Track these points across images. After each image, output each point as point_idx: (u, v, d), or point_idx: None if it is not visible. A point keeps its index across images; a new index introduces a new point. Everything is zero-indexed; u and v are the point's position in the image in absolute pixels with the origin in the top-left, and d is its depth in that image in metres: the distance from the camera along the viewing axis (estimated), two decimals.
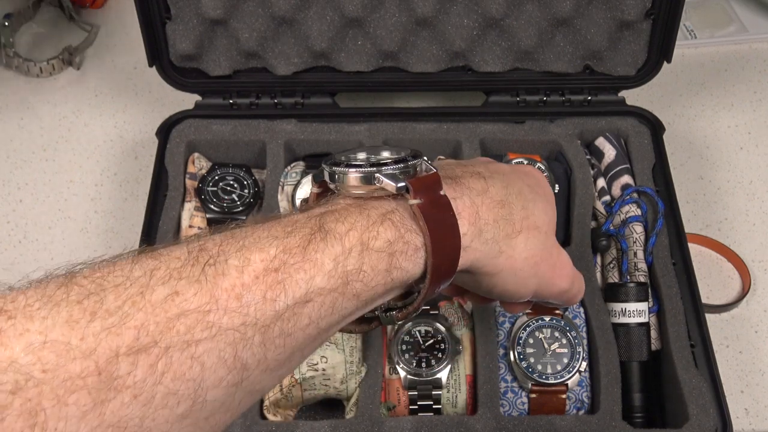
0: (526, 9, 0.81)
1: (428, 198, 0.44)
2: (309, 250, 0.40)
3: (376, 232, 0.42)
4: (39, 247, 0.84)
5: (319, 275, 0.40)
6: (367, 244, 0.42)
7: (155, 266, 0.37)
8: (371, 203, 0.44)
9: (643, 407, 0.71)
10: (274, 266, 0.39)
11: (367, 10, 0.80)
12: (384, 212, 0.43)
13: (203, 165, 0.83)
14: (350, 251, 0.41)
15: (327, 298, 0.40)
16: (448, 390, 0.70)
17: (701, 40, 1.01)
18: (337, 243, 0.41)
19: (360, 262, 0.41)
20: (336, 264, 0.40)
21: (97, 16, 1.05)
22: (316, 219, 0.42)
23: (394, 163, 0.45)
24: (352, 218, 0.42)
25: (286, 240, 0.40)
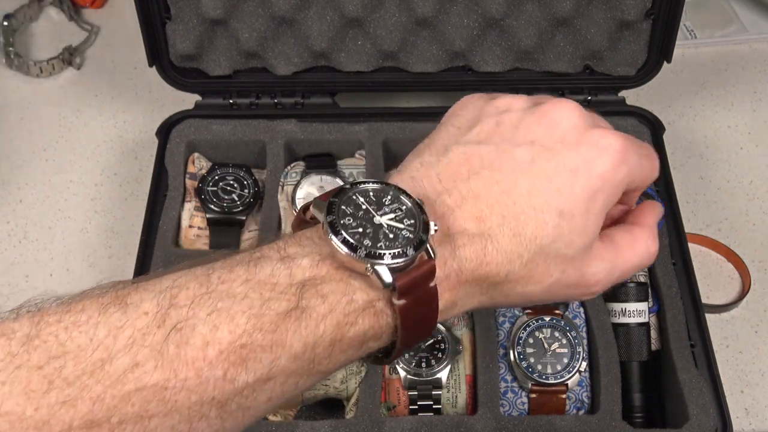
0: (526, 9, 0.81)
1: (415, 296, 0.40)
2: (281, 329, 0.38)
3: (354, 320, 0.40)
4: (39, 247, 0.84)
5: (286, 356, 0.38)
6: (342, 333, 0.39)
7: (121, 324, 0.36)
8: (356, 283, 0.40)
9: (643, 407, 0.71)
10: (241, 342, 0.37)
11: (367, 10, 0.80)
12: (368, 301, 0.40)
13: (203, 165, 0.83)
14: (323, 336, 0.39)
15: (290, 378, 0.39)
16: (448, 390, 0.70)
17: (701, 40, 1.01)
18: (312, 325, 0.38)
19: (330, 349, 0.39)
20: (305, 348, 0.38)
21: (97, 16, 1.05)
22: (296, 290, 0.39)
23: (393, 258, 0.40)
24: (334, 298, 0.39)
25: (261, 312, 0.38)
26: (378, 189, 0.43)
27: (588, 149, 0.44)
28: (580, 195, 0.44)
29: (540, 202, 0.43)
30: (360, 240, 0.40)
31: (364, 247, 0.40)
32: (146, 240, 0.77)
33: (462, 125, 0.49)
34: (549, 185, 0.43)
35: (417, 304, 0.40)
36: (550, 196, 0.43)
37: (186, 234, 0.79)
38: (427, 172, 0.45)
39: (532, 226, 0.43)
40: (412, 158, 0.47)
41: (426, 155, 0.47)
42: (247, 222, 0.80)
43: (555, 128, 0.45)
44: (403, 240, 0.41)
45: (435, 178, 0.45)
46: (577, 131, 0.45)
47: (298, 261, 0.40)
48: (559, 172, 0.44)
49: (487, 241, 0.42)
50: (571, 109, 0.46)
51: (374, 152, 0.82)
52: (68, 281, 0.82)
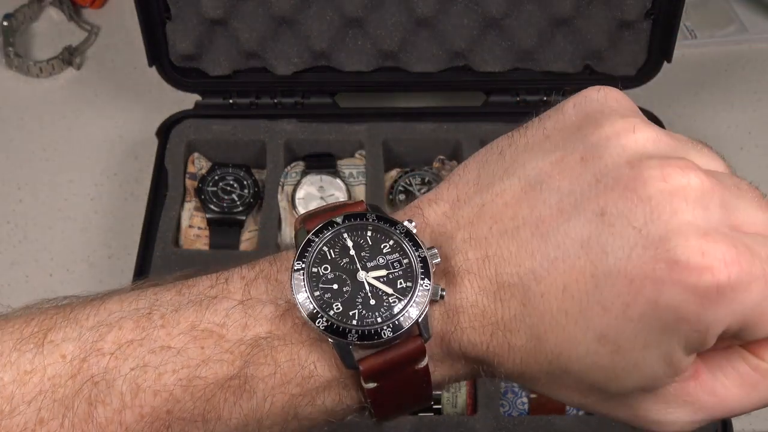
0: (526, 9, 0.81)
1: (392, 379, 0.32)
2: (217, 398, 0.31)
3: (312, 399, 0.32)
4: (39, 247, 0.84)
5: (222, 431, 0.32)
6: (296, 410, 0.32)
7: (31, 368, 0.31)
8: (319, 352, 0.32)
9: None
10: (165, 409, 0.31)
11: (367, 10, 0.80)
12: (332, 378, 0.32)
13: (203, 165, 0.83)
14: (270, 412, 0.32)
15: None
16: (448, 390, 0.70)
17: (701, 40, 1.00)
18: (256, 400, 0.32)
19: (283, 425, 0.33)
20: (248, 423, 0.32)
21: (97, 16, 1.05)
22: (245, 350, 0.32)
23: (359, 338, 0.31)
24: (290, 368, 0.32)
25: (194, 374, 0.31)
26: (380, 229, 0.34)
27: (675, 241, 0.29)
28: (636, 324, 0.29)
29: (575, 310, 0.30)
30: (328, 302, 0.32)
31: (326, 317, 0.32)
32: (146, 240, 0.77)
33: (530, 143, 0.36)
34: (594, 291, 0.30)
35: (396, 389, 0.32)
36: (591, 308, 0.30)
37: (186, 234, 0.79)
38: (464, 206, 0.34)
39: (556, 336, 0.31)
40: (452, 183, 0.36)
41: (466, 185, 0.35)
42: (247, 222, 0.80)
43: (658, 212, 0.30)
44: (384, 312, 0.32)
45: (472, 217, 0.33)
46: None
47: (259, 309, 0.33)
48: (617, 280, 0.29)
49: (495, 330, 0.32)
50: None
51: (374, 152, 0.82)
52: (68, 281, 0.82)
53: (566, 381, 0.32)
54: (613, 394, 0.32)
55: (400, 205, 0.80)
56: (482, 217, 0.33)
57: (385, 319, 0.32)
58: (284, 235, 0.79)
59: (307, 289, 0.32)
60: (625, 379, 0.31)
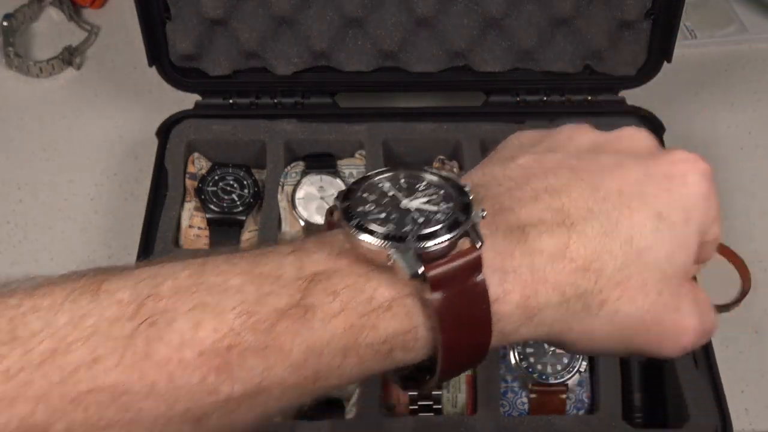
0: (526, 9, 0.81)
1: (456, 290, 0.33)
2: (277, 329, 0.31)
3: (374, 322, 0.32)
4: (39, 247, 0.84)
5: (282, 366, 0.32)
6: (357, 339, 0.32)
7: (86, 312, 0.31)
8: (379, 278, 0.33)
9: (643, 407, 0.70)
10: (226, 343, 0.31)
11: (367, 10, 0.80)
12: (393, 297, 0.33)
13: (203, 165, 0.83)
14: (331, 342, 0.32)
15: (288, 392, 0.32)
16: (448, 390, 0.70)
17: (701, 40, 1.00)
18: (317, 327, 0.32)
19: (342, 359, 0.32)
20: (308, 355, 0.32)
21: (97, 16, 1.05)
22: (303, 284, 0.32)
23: (419, 240, 0.33)
24: (348, 294, 0.32)
25: (254, 308, 0.31)
26: (411, 174, 0.37)
27: (681, 164, 0.39)
28: (678, 202, 0.37)
29: (635, 202, 0.36)
30: (381, 225, 0.34)
31: (382, 231, 0.33)
32: (146, 240, 0.77)
33: (525, 143, 0.42)
34: (643, 188, 0.37)
35: (459, 301, 0.33)
36: (646, 197, 0.37)
37: (186, 234, 0.79)
38: (492, 173, 0.38)
39: (626, 225, 0.36)
40: (472, 171, 0.40)
41: (488, 165, 0.40)
42: (247, 222, 0.80)
43: (638, 143, 0.41)
44: (435, 223, 0.34)
45: (502, 177, 0.38)
46: (662, 149, 0.41)
47: (311, 254, 0.34)
48: (652, 178, 0.38)
49: (570, 233, 0.35)
50: (647, 133, 0.42)
51: (374, 152, 0.82)
52: None
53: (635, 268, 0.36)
54: (669, 277, 0.36)
55: None
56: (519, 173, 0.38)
57: (439, 221, 0.34)
58: (284, 236, 0.79)
59: (358, 218, 0.34)
60: (677, 257, 0.37)
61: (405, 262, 0.32)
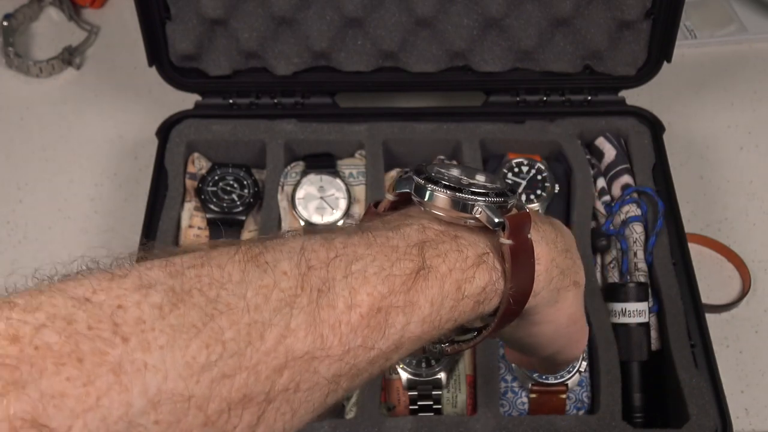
0: (526, 9, 0.81)
1: (518, 240, 0.41)
2: (412, 290, 0.37)
3: (472, 276, 0.40)
4: (39, 247, 0.84)
5: (415, 320, 0.37)
6: (462, 290, 0.39)
7: (266, 284, 0.33)
8: (464, 236, 0.41)
9: (643, 407, 0.70)
10: (378, 306, 0.36)
11: (367, 10, 0.80)
12: (480, 253, 0.41)
13: (203, 165, 0.83)
14: (447, 296, 0.39)
15: (414, 343, 0.38)
16: (448, 390, 0.70)
17: (701, 40, 1.01)
18: (437, 284, 0.38)
19: (453, 310, 0.39)
20: (432, 308, 0.38)
21: (97, 16, 1.05)
22: (417, 250, 0.39)
23: (496, 196, 0.41)
24: (452, 256, 0.39)
25: (392, 272, 0.37)
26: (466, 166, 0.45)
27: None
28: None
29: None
30: (459, 181, 0.42)
31: (465, 186, 0.41)
32: (146, 240, 0.77)
33: None
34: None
35: (521, 251, 0.41)
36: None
37: (186, 234, 0.79)
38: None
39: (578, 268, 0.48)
40: None
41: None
42: (247, 222, 0.80)
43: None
44: (497, 183, 0.43)
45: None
46: None
47: (405, 230, 0.40)
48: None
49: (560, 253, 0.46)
50: None
51: (374, 152, 0.82)
52: None
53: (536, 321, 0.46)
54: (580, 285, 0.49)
55: None
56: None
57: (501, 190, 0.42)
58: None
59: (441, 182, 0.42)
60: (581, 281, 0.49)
61: (492, 212, 0.41)
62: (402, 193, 0.44)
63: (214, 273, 0.33)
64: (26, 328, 0.27)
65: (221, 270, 0.33)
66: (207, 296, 0.31)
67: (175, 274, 0.32)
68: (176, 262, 0.33)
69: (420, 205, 0.42)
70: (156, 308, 0.30)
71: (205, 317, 0.30)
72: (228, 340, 0.31)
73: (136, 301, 0.30)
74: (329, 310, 0.34)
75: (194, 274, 0.32)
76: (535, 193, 0.79)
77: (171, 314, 0.30)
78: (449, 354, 0.45)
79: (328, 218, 0.79)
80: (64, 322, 0.28)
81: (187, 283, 0.32)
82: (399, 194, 0.44)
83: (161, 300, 0.30)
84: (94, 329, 0.28)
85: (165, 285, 0.31)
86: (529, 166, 0.81)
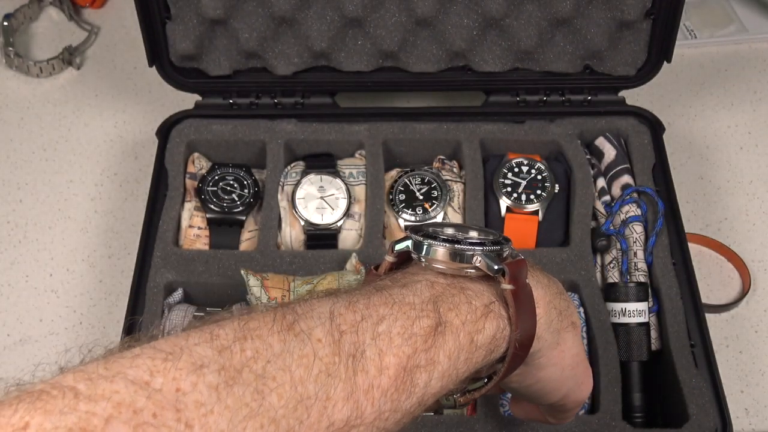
0: (526, 9, 0.81)
1: (518, 285, 0.43)
2: (432, 348, 0.39)
3: (482, 326, 0.41)
4: (39, 247, 0.84)
5: (436, 376, 0.39)
6: (475, 341, 0.41)
7: (307, 355, 0.35)
8: (469, 287, 0.43)
9: (643, 407, 0.70)
10: (404, 366, 0.37)
11: (367, 10, 0.80)
12: (487, 303, 0.42)
13: (203, 165, 0.83)
14: (462, 349, 0.40)
15: (434, 398, 0.39)
16: None
17: (701, 40, 1.01)
18: (452, 338, 0.40)
19: (467, 362, 0.40)
20: (449, 362, 0.39)
21: (97, 16, 1.05)
22: (431, 306, 0.40)
23: (492, 244, 0.44)
24: (464, 309, 0.41)
25: (413, 332, 0.38)
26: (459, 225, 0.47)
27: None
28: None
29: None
30: (454, 236, 0.44)
31: (462, 240, 0.43)
32: (146, 240, 0.77)
33: None
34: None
35: (522, 295, 0.43)
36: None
37: (186, 234, 0.79)
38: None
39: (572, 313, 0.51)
40: None
41: None
42: (247, 222, 0.80)
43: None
44: (490, 236, 0.45)
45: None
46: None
47: (415, 286, 0.41)
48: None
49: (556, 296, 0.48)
50: None
51: (374, 152, 0.82)
52: (68, 281, 0.82)
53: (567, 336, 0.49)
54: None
55: (400, 204, 0.80)
56: None
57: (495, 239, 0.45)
58: (284, 235, 0.79)
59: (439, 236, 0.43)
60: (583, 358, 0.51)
61: (490, 261, 0.43)
62: (401, 253, 0.45)
63: (258, 346, 0.34)
64: (96, 421, 0.28)
65: (263, 342, 0.34)
66: (255, 372, 0.33)
67: (222, 350, 0.33)
68: (221, 335, 0.34)
69: (420, 262, 0.44)
70: (213, 389, 0.31)
71: (257, 395, 0.32)
72: (280, 418, 0.32)
73: (193, 383, 0.31)
74: (363, 376, 0.36)
75: (239, 348, 0.33)
76: (535, 193, 0.79)
77: (227, 396, 0.31)
78: (462, 404, 0.47)
79: (328, 218, 0.79)
80: (131, 411, 0.29)
81: (236, 359, 0.33)
82: (398, 255, 0.46)
83: (216, 381, 0.31)
84: (158, 417, 0.29)
85: (217, 364, 0.32)
86: (529, 166, 0.81)
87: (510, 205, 0.79)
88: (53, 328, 0.79)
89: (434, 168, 0.83)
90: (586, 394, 0.53)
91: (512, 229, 0.78)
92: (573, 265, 0.75)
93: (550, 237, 0.79)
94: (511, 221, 0.78)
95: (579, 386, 0.51)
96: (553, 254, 0.75)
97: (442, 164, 0.83)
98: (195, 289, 0.75)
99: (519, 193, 0.79)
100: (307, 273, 0.74)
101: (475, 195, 0.79)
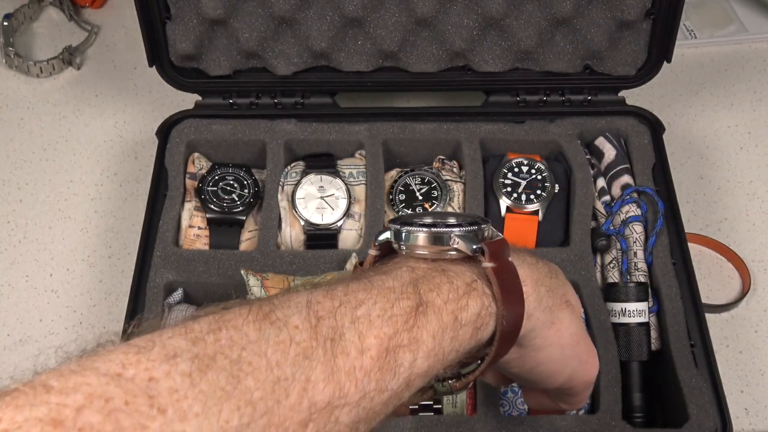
0: (526, 9, 0.81)
1: (499, 263, 0.43)
2: (414, 328, 0.39)
3: (465, 304, 0.42)
4: (39, 247, 0.84)
5: (421, 356, 0.39)
6: (459, 319, 0.41)
7: (284, 340, 0.35)
8: (450, 269, 0.43)
9: (643, 407, 0.71)
10: (386, 347, 0.37)
11: (367, 10, 0.80)
12: (468, 281, 0.43)
13: (203, 165, 0.83)
14: (446, 327, 0.40)
15: (422, 379, 0.39)
16: None
17: (701, 40, 1.01)
18: (435, 318, 0.40)
19: (453, 340, 0.40)
20: (434, 341, 0.39)
21: (97, 16, 1.05)
22: (412, 288, 0.41)
23: (468, 225, 0.44)
24: (445, 288, 0.41)
25: (394, 314, 0.39)
26: (438, 212, 0.47)
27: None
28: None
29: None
30: (433, 223, 0.44)
31: (440, 224, 0.44)
32: (146, 240, 0.77)
33: None
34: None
35: (504, 273, 0.43)
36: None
37: (186, 234, 0.79)
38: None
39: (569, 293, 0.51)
40: None
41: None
42: (247, 222, 0.80)
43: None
44: (468, 219, 0.45)
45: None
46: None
47: (396, 272, 0.42)
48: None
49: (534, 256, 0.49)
50: None
51: (374, 152, 0.82)
52: (68, 281, 0.82)
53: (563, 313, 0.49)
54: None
55: (400, 204, 0.80)
56: None
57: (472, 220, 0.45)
58: (284, 235, 0.79)
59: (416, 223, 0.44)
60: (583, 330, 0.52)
61: (469, 241, 0.43)
62: (383, 245, 0.46)
63: (232, 335, 0.34)
64: (67, 411, 0.28)
65: (238, 331, 0.34)
66: (230, 358, 0.33)
67: (196, 341, 0.33)
68: (195, 329, 0.34)
69: (402, 251, 0.45)
70: (186, 376, 0.31)
71: (232, 379, 0.32)
72: (257, 399, 0.32)
73: (166, 371, 0.31)
74: (344, 357, 0.36)
75: (213, 338, 0.33)
76: (535, 193, 0.79)
77: (201, 381, 0.31)
78: (458, 389, 0.46)
79: (328, 218, 0.79)
80: (102, 400, 0.29)
81: (209, 347, 0.33)
82: (381, 247, 0.47)
83: (189, 368, 0.31)
84: (131, 404, 0.29)
85: (190, 352, 0.32)
86: (529, 166, 0.81)
87: (510, 205, 0.79)
88: (53, 328, 0.79)
89: (434, 168, 0.83)
90: (593, 373, 0.52)
91: (512, 229, 0.78)
92: (573, 265, 0.75)
93: (550, 237, 0.79)
94: (511, 221, 0.78)
95: (583, 365, 0.51)
96: (553, 254, 0.75)
97: (442, 164, 0.83)
98: (195, 289, 0.75)
99: (519, 193, 0.79)
100: (307, 273, 0.74)
101: (475, 195, 0.79)
